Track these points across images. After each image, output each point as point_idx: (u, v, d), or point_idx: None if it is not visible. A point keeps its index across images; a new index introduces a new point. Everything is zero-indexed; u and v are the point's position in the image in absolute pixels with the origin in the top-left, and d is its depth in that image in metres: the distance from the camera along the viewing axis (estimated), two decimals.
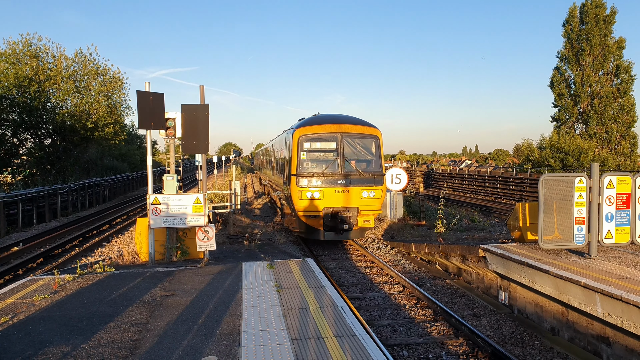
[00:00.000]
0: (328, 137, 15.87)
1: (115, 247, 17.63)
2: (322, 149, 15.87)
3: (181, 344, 5.98)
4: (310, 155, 15.71)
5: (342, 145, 15.81)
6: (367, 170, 15.95)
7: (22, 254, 16.43)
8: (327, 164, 15.69)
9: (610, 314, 7.59)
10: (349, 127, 16.13)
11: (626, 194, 9.95)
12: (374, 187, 15.81)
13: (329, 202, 15.46)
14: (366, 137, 16.22)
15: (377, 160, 16.21)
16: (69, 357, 5.61)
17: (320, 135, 15.87)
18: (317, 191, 15.37)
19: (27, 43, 33.58)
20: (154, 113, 10.70)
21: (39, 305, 7.68)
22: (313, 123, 16.35)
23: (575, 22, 44.42)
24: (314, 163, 15.75)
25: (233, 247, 14.61)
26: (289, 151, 16.75)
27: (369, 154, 16.22)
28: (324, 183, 15.45)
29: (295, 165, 15.66)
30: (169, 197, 10.68)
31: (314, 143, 15.83)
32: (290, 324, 6.64)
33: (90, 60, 37.16)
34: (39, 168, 36.82)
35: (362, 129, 16.24)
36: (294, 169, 15.63)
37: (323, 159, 15.79)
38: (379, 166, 16.20)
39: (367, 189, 15.69)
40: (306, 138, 15.81)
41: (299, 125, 16.68)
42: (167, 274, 9.73)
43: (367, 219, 15.99)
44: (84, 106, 35.97)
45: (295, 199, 15.52)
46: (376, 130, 16.44)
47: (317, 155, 15.83)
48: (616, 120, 42.35)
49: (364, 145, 16.19)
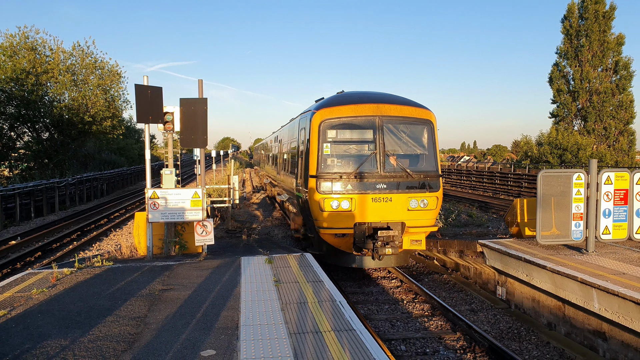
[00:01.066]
0: (362, 122, 11.68)
1: (113, 241, 17.62)
2: (354, 140, 11.84)
3: (179, 337, 5.99)
4: (336, 148, 11.69)
5: (381, 135, 11.60)
6: (417, 169, 11.75)
7: (20, 247, 16.41)
8: (361, 161, 11.50)
9: (606, 309, 7.63)
10: (392, 108, 11.87)
11: (624, 190, 9.97)
12: (427, 193, 11.56)
13: (364, 215, 11.32)
14: (415, 122, 12.02)
15: (431, 156, 12.03)
16: (67, 351, 5.62)
17: (351, 120, 11.64)
18: (347, 199, 11.22)
19: (24, 36, 33.37)
20: (152, 107, 10.67)
21: (37, 298, 7.68)
22: (340, 103, 12.01)
23: (575, 18, 44.34)
24: (342, 160, 11.66)
25: (231, 242, 14.62)
26: (305, 143, 12.51)
27: (419, 146, 12.10)
28: (357, 188, 11.27)
29: (315, 162, 11.51)
30: (167, 191, 10.67)
31: (342, 131, 11.73)
32: (288, 318, 6.66)
33: (88, 54, 36.97)
34: (36, 162, 36.70)
35: (410, 110, 12.02)
36: (314, 168, 11.50)
37: (355, 154, 11.74)
38: (434, 164, 11.97)
39: (417, 196, 11.52)
40: (331, 124, 11.63)
41: (319, 106, 12.20)
42: (166, 268, 9.73)
43: (416, 237, 11.93)
44: (81, 100, 35.81)
45: (315, 210, 11.43)
46: (429, 113, 12.19)
47: (346, 148, 11.80)
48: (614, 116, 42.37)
49: (412, 134, 12.05)
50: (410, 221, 11.52)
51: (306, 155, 12.07)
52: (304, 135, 12.66)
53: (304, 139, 12.61)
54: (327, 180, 11.33)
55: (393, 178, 11.47)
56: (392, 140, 11.75)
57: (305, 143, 12.46)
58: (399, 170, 11.55)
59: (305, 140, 12.38)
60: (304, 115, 13.54)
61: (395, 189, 11.43)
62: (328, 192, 11.28)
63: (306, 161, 12.02)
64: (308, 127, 12.17)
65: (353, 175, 11.33)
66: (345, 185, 11.33)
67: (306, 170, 11.93)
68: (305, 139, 12.52)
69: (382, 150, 11.55)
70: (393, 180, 11.46)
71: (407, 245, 11.87)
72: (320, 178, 11.35)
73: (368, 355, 5.40)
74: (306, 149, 12.15)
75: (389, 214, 11.39)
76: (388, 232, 11.05)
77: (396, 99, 12.57)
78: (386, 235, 11.02)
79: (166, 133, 11.49)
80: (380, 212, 11.35)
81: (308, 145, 11.97)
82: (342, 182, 11.33)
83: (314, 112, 11.91)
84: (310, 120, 12.01)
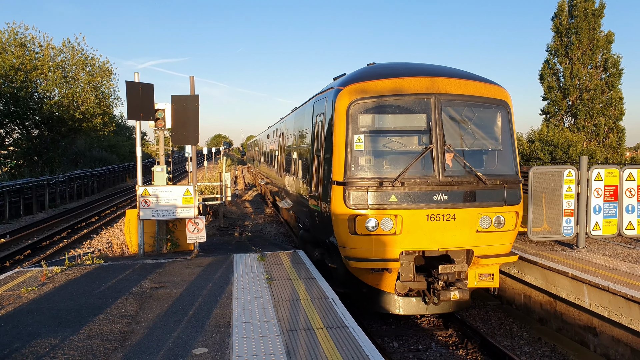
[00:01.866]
0: (411, 103, 8.33)
1: (104, 239, 17.50)
2: (399, 130, 8.55)
3: (171, 335, 5.95)
4: (372, 141, 8.36)
5: (439, 121, 8.22)
6: (490, 172, 8.50)
7: (9, 245, 16.24)
8: (409, 160, 8.15)
9: (597, 305, 7.69)
10: (454, 83, 8.54)
11: (614, 186, 10.05)
12: (504, 207, 8.33)
13: (415, 240, 8.10)
14: (487, 104, 8.70)
15: (508, 152, 8.76)
16: (57, 350, 5.57)
17: (395, 101, 8.30)
18: (390, 217, 7.98)
19: (13, 32, 32.96)
20: (143, 104, 10.59)
21: (27, 297, 7.60)
22: (378, 76, 8.65)
23: (565, 15, 44.60)
24: (382, 159, 8.46)
25: (223, 239, 14.56)
26: (323, 136, 9.22)
27: (490, 139, 8.83)
28: (404, 200, 7.99)
29: (341, 163, 8.20)
30: (159, 188, 10.60)
31: (381, 117, 8.37)
32: (281, 315, 6.64)
33: (78, 50, 36.61)
34: (26, 159, 36.32)
35: (478, 87, 8.69)
36: (339, 171, 8.20)
37: (400, 151, 8.49)
38: (512, 164, 8.69)
39: (491, 212, 8.27)
40: (365, 106, 8.29)
41: (346, 80, 8.85)
42: (157, 265, 9.68)
43: (486, 271, 8.68)
44: (72, 97, 35.46)
45: (341, 232, 8.20)
46: (503, 92, 8.91)
47: (386, 142, 8.50)
48: (604, 113, 42.71)
49: (481, 121, 8.73)
50: (480, 248, 8.28)
51: (326, 153, 8.84)
52: (322, 125, 9.37)
53: (322, 129, 9.33)
54: (359, 188, 7.99)
55: (458, 185, 8.12)
56: (455, 130, 8.45)
57: (323, 135, 9.17)
58: (466, 174, 8.23)
59: (324, 132, 9.13)
60: (320, 97, 10.04)
61: (460, 200, 8.12)
62: (361, 206, 7.97)
63: (326, 161, 8.76)
64: (330, 112, 8.81)
65: (399, 181, 7.94)
66: (386, 196, 7.96)
67: (326, 174, 8.71)
68: (323, 129, 9.23)
69: (441, 143, 8.18)
70: (458, 189, 8.12)
71: (473, 282, 8.62)
72: (350, 186, 8.00)
73: (361, 352, 5.40)
74: (326, 144, 8.95)
75: (451, 238, 8.17)
76: (453, 266, 8.01)
77: (456, 71, 9.18)
78: (451, 271, 8.00)
79: (157, 130, 11.41)
80: (439, 236, 8.11)
81: (329, 139, 8.69)
82: (383, 191, 7.96)
83: (339, 90, 8.53)
84: (333, 101, 8.59)
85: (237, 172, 51.71)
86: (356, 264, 8.14)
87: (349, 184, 8.05)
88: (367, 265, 8.14)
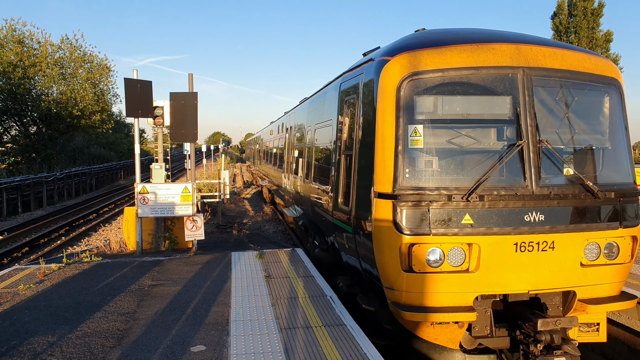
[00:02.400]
0: (489, 79, 6.01)
1: (102, 236, 17.47)
2: (471, 117, 6.14)
3: (169, 333, 5.95)
4: (435, 135, 6.03)
5: (530, 106, 5.94)
6: (600, 181, 6.22)
7: (7, 243, 16.21)
8: (486, 162, 5.96)
9: None
10: (545, 52, 6.16)
11: None
12: (618, 230, 6.11)
13: (495, 279, 5.87)
14: (590, 83, 6.32)
15: (621, 151, 6.44)
16: (54, 347, 5.56)
17: (467, 75, 5.97)
18: (462, 247, 5.80)
19: (11, 28, 32.87)
20: (141, 101, 10.56)
21: (24, 294, 7.58)
22: (441, 42, 6.19)
23: (564, 14, 44.66)
24: (448, 160, 6.13)
25: (222, 237, 14.56)
26: (356, 127, 6.85)
27: (596, 132, 6.53)
28: (482, 221, 5.77)
29: (389, 166, 5.90)
30: (157, 186, 10.58)
31: (448, 98, 6.05)
32: (279, 313, 6.64)
33: (76, 47, 36.54)
34: (24, 156, 36.27)
35: (578, 59, 6.28)
36: (386, 178, 5.90)
37: (472, 149, 6.17)
38: (627, 167, 6.39)
39: (599, 237, 6.06)
40: (425, 83, 5.97)
41: (396, 48, 6.33)
42: (155, 263, 9.67)
43: (589, 319, 6.40)
44: (70, 93, 35.39)
45: (389, 267, 5.94)
46: (612, 67, 6.51)
47: (453, 135, 6.11)
48: None
49: (583, 106, 6.44)
50: (584, 289, 6.02)
51: (363, 153, 6.47)
52: (355, 113, 6.89)
53: (356, 119, 6.84)
54: (418, 204, 5.67)
55: (559, 200, 5.83)
56: (550, 120, 6.17)
57: (358, 128, 6.70)
58: (567, 184, 6.00)
59: (359, 123, 6.68)
60: (350, 76, 7.55)
61: (562, 222, 5.83)
62: (421, 230, 5.65)
63: (363, 164, 6.42)
64: (368, 94, 6.41)
65: (477, 194, 5.63)
66: (457, 215, 5.68)
67: (363, 182, 6.38)
68: (357, 119, 6.77)
69: (535, 139, 5.85)
70: (559, 205, 5.83)
71: (575, 334, 6.34)
72: (404, 200, 5.68)
73: (359, 350, 5.40)
74: (362, 140, 6.52)
75: (547, 274, 5.87)
76: (558, 320, 5.81)
77: (545, 40, 6.67)
78: (555, 328, 5.80)
79: (156, 127, 11.39)
80: (530, 273, 5.83)
81: (368, 132, 6.31)
82: (452, 208, 5.67)
83: (385, 61, 6.12)
84: (375, 78, 6.20)
85: (235, 170, 51.68)
86: (411, 315, 5.76)
87: (401, 197, 5.67)
88: (427, 318, 5.74)
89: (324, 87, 10.25)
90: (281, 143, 16.68)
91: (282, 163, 15.85)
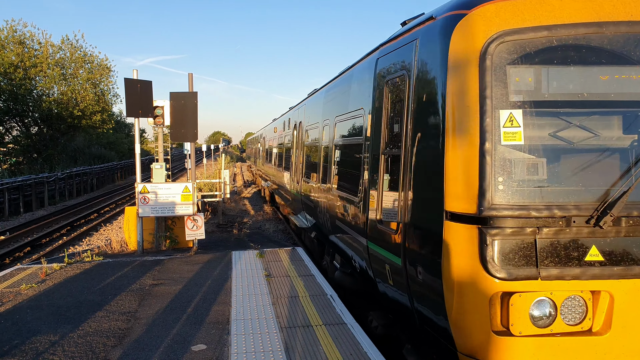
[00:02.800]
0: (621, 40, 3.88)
1: (103, 236, 17.51)
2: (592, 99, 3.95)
3: (170, 332, 5.98)
4: (538, 125, 3.91)
5: None
6: None
7: (9, 242, 16.25)
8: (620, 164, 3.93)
9: None
10: None
11: None
12: None
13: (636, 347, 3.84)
14: None
15: None
16: (56, 346, 5.59)
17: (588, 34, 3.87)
18: (582, 295, 3.85)
19: (12, 29, 32.93)
20: (142, 101, 10.58)
21: (26, 294, 7.62)
22: None
23: None
24: (560, 164, 3.98)
25: (222, 236, 14.59)
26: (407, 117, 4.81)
27: None
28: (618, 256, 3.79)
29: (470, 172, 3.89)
30: (158, 185, 10.61)
31: (559, 70, 3.91)
32: (279, 312, 6.67)
33: (77, 47, 36.60)
34: (25, 156, 36.35)
35: None
36: (466, 191, 3.90)
37: (595, 146, 3.98)
38: None
39: None
40: (523, 47, 3.87)
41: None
42: (156, 262, 9.70)
43: None
44: (70, 94, 35.46)
45: (472, 326, 3.93)
46: None
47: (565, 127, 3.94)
48: None
49: None
50: None
51: (421, 152, 4.59)
52: (406, 96, 4.92)
53: (406, 105, 4.91)
54: (518, 232, 3.83)
55: None
56: None
57: (409, 117, 4.83)
58: None
59: (410, 110, 4.80)
60: (394, 46, 5.57)
61: None
62: (522, 272, 3.81)
63: (426, 168, 4.51)
64: (437, 64, 4.39)
65: (611, 217, 3.75)
66: (578, 248, 3.85)
67: (421, 193, 4.57)
68: (408, 105, 4.85)
69: None
70: None
71: None
72: (496, 226, 3.83)
73: (359, 348, 5.42)
74: (419, 133, 4.63)
75: None
76: None
77: None
78: None
79: (156, 127, 11.42)
80: None
81: (427, 123, 4.51)
82: (571, 238, 3.85)
83: (461, 15, 4.18)
84: (445, 39, 4.29)
85: (235, 169, 51.72)
86: None
87: (494, 221, 3.83)
88: None
89: (347, 69, 8.04)
90: (287, 141, 14.89)
91: (288, 164, 14.12)
